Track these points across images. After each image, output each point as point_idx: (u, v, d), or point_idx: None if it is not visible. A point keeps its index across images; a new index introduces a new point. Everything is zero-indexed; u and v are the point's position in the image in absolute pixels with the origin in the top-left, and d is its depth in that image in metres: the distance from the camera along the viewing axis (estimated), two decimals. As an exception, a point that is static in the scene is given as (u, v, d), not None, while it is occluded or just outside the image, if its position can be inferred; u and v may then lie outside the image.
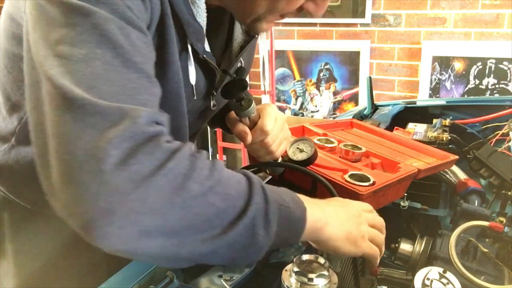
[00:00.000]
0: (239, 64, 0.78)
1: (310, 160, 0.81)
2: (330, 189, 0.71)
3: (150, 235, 0.43)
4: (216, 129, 3.00)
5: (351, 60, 2.79)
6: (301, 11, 0.65)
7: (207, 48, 0.68)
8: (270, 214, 0.50)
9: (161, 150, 0.44)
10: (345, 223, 0.60)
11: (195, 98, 0.70)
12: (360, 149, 0.92)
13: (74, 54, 0.44)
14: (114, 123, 0.42)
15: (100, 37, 0.45)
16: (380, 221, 0.67)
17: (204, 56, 0.67)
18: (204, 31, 0.65)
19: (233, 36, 0.77)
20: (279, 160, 0.82)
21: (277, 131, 0.78)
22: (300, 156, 0.82)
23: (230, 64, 0.76)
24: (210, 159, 0.51)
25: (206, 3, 0.65)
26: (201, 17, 0.63)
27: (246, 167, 0.81)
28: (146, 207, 0.42)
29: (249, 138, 0.74)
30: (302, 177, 0.86)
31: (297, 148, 0.84)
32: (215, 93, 0.77)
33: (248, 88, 0.74)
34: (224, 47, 0.78)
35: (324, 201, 0.63)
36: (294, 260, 0.56)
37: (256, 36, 0.78)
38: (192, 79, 0.67)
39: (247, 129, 0.75)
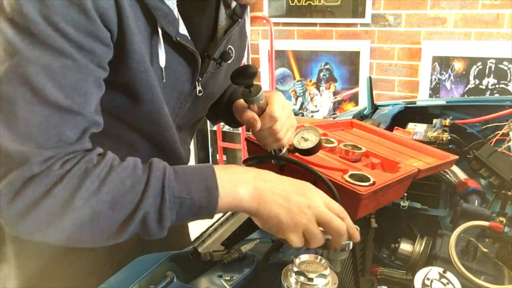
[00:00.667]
0: (223, 49, 0.78)
1: (315, 149, 0.80)
2: (329, 186, 0.71)
3: (53, 239, 0.55)
4: (216, 129, 3.00)
5: (351, 60, 2.79)
6: None
7: (183, 31, 0.67)
8: (163, 210, 0.56)
9: (50, 177, 0.52)
10: (277, 210, 0.62)
11: (164, 81, 0.68)
12: (360, 149, 0.92)
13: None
14: (11, 168, 0.51)
15: (22, 77, 0.51)
16: (335, 226, 0.63)
17: (178, 38, 0.66)
18: (176, 14, 0.64)
19: (218, 21, 0.77)
20: (285, 149, 0.82)
21: (285, 118, 0.78)
22: (305, 145, 0.81)
23: (215, 50, 0.76)
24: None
25: None
26: (172, 0, 0.63)
27: (248, 159, 0.82)
28: (39, 227, 0.53)
29: (259, 124, 0.74)
30: (302, 177, 0.85)
31: (302, 137, 0.83)
32: (200, 79, 0.77)
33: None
34: (210, 33, 0.78)
35: (270, 187, 0.63)
36: (294, 260, 0.56)
37: (239, 20, 0.77)
38: (162, 62, 0.66)
39: (256, 116, 0.74)
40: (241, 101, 0.77)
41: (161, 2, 0.61)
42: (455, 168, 1.08)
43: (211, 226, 0.88)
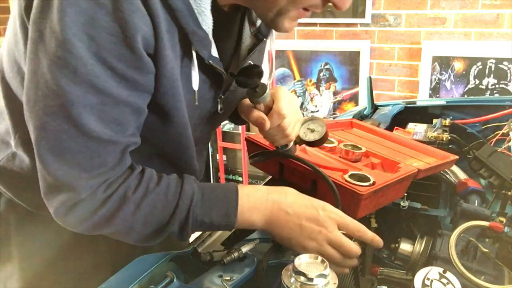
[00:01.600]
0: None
1: (322, 140, 0.80)
2: (331, 186, 0.71)
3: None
4: (216, 129, 3.00)
5: (351, 60, 2.79)
6: (326, 4, 0.64)
7: (214, 53, 0.68)
8: (186, 230, 0.66)
9: (95, 201, 0.61)
10: (288, 234, 0.69)
11: (196, 103, 0.70)
12: (360, 149, 0.92)
13: (47, 123, 0.57)
14: (61, 191, 0.61)
15: (65, 115, 0.56)
16: (346, 246, 0.68)
17: (210, 61, 0.67)
18: (211, 37, 0.64)
19: (242, 39, 0.77)
20: (291, 143, 0.81)
21: (292, 113, 0.78)
22: (312, 137, 0.81)
23: (238, 67, 0.75)
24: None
25: (216, 4, 0.64)
26: (207, 24, 0.63)
27: (253, 155, 0.83)
28: (86, 232, 0.65)
29: (268, 124, 0.74)
30: (302, 177, 0.86)
31: (308, 128, 0.82)
32: (222, 97, 0.77)
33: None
34: (233, 50, 0.77)
35: (284, 214, 0.69)
36: (294, 260, 0.56)
37: (265, 39, 0.77)
38: (195, 85, 0.66)
39: (263, 115, 0.74)
40: (247, 100, 0.76)
41: (198, 27, 0.61)
42: (455, 168, 1.08)
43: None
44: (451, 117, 1.37)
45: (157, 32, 0.57)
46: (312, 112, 3.03)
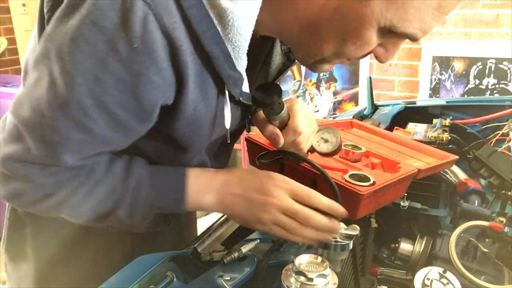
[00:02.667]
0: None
1: (335, 151, 0.78)
2: (332, 185, 0.71)
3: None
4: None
5: (351, 60, 2.79)
6: (368, 54, 0.63)
7: (246, 88, 0.65)
8: (134, 214, 0.66)
9: (43, 191, 0.61)
10: (240, 210, 0.67)
11: (229, 142, 0.70)
12: (360, 149, 0.92)
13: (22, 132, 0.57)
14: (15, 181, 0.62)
15: (41, 135, 0.56)
16: (301, 213, 0.65)
17: (241, 99, 0.65)
18: (244, 76, 0.62)
19: (272, 58, 0.74)
20: None
21: (307, 128, 0.77)
22: (325, 147, 0.79)
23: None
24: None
25: (258, 32, 0.62)
26: (242, 65, 0.61)
27: (260, 156, 0.81)
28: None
29: (282, 141, 0.72)
30: (302, 177, 0.85)
31: (322, 138, 0.81)
32: (250, 117, 0.76)
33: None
34: (260, 65, 0.74)
35: (233, 190, 0.68)
36: (294, 260, 0.56)
37: (295, 60, 0.74)
38: (227, 124, 0.65)
39: (278, 132, 0.72)
40: (261, 113, 0.74)
41: (234, 69, 0.59)
42: (455, 168, 1.08)
43: (211, 226, 0.88)
44: (451, 117, 1.37)
45: (183, 83, 0.56)
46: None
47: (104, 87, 0.52)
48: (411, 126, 1.29)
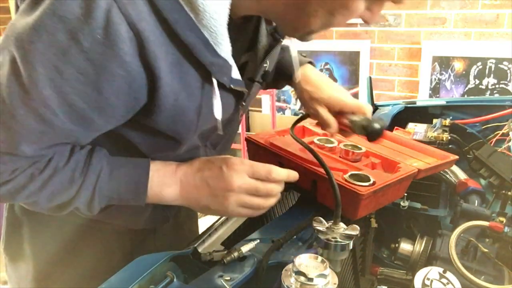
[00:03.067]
0: (264, 69, 0.75)
1: (382, 132, 0.80)
2: (333, 185, 0.71)
3: None
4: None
5: (351, 60, 2.79)
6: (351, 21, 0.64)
7: (236, 75, 0.65)
8: (93, 205, 0.66)
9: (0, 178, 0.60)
10: (204, 201, 0.69)
11: (221, 133, 0.68)
12: (360, 149, 0.92)
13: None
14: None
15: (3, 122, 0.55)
16: (262, 188, 0.68)
17: (232, 86, 0.64)
18: (231, 62, 0.62)
19: (258, 37, 0.73)
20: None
21: (340, 93, 0.84)
22: (377, 125, 0.79)
23: (256, 69, 0.73)
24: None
25: (238, 13, 0.61)
26: (226, 51, 0.59)
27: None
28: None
29: (336, 125, 0.81)
30: (302, 177, 0.86)
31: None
32: (244, 103, 0.75)
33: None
34: (247, 47, 0.73)
35: (192, 182, 0.69)
36: (294, 260, 0.56)
37: (281, 40, 0.74)
38: (218, 115, 0.63)
39: (333, 118, 0.82)
40: (309, 96, 0.83)
41: (216, 56, 0.58)
42: (455, 168, 1.08)
43: (211, 226, 0.88)
44: (451, 117, 1.37)
45: (155, 75, 0.55)
46: (312, 112, 3.03)
47: (65, 78, 0.51)
48: (411, 126, 1.29)
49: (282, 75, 0.91)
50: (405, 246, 0.89)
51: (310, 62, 0.93)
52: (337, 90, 0.85)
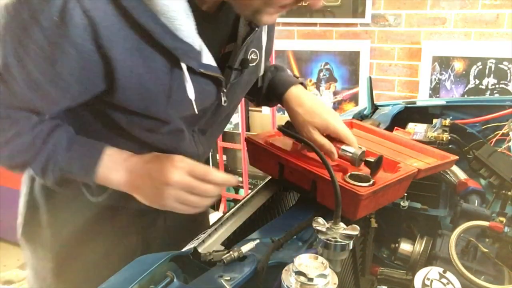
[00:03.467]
0: (243, 57, 0.78)
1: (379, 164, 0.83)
2: (335, 185, 0.71)
3: None
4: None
5: (351, 60, 2.79)
6: (300, 1, 0.65)
7: (208, 60, 0.68)
8: (47, 173, 0.72)
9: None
10: (146, 191, 0.74)
11: (196, 112, 0.72)
12: (360, 149, 0.92)
13: None
14: None
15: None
16: (197, 188, 0.73)
17: (201, 70, 0.68)
18: (198, 47, 0.65)
19: (238, 30, 0.77)
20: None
21: (333, 119, 0.87)
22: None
23: (236, 57, 0.76)
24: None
25: (197, 6, 0.65)
26: (190, 37, 0.63)
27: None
28: None
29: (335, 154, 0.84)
30: (302, 177, 0.86)
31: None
32: (225, 90, 0.78)
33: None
34: (227, 39, 0.77)
35: (138, 173, 0.74)
36: (294, 260, 0.56)
37: (256, 28, 0.76)
38: (191, 95, 0.68)
39: (333, 147, 0.85)
40: (309, 128, 0.85)
41: (178, 41, 0.62)
42: (455, 168, 1.08)
43: (211, 226, 0.88)
44: (451, 117, 1.37)
45: (112, 58, 0.61)
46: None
47: (26, 50, 0.60)
48: (411, 126, 1.29)
49: (273, 95, 0.93)
50: (405, 246, 0.89)
51: (302, 84, 0.94)
52: (330, 115, 0.86)
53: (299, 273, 0.54)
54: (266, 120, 3.04)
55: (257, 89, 0.94)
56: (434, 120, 1.32)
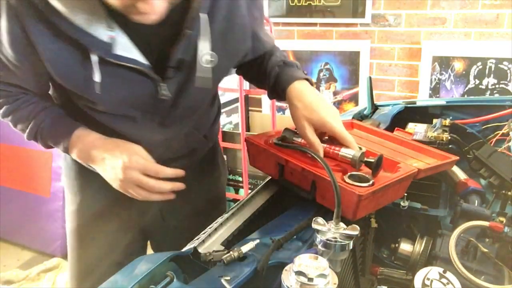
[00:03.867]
0: (179, 57, 0.82)
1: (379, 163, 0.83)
2: (335, 185, 0.71)
3: None
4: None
5: (351, 60, 2.79)
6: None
7: (122, 52, 0.77)
8: (39, 141, 0.94)
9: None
10: (103, 173, 0.89)
11: (98, 92, 0.80)
12: (360, 149, 0.92)
13: None
14: None
15: None
16: (145, 184, 0.86)
17: (111, 59, 0.76)
18: (105, 39, 0.74)
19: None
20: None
21: (329, 116, 0.87)
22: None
23: (169, 59, 0.82)
24: None
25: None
26: (98, 31, 0.73)
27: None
28: None
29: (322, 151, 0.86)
30: (301, 177, 0.86)
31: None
32: (162, 85, 0.83)
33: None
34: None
35: (93, 157, 0.89)
36: (294, 260, 0.56)
37: (187, 31, 0.79)
38: (97, 78, 0.78)
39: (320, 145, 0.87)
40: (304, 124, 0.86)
41: (84, 34, 0.73)
42: (455, 168, 1.08)
43: (211, 226, 0.88)
44: (451, 117, 1.37)
45: (32, 41, 0.75)
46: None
47: None
48: (411, 126, 1.29)
49: (278, 89, 0.95)
50: (405, 246, 0.89)
51: (308, 80, 0.94)
52: (329, 113, 0.86)
53: (299, 273, 0.54)
54: (266, 120, 3.04)
55: (267, 84, 0.98)
56: (434, 120, 1.32)
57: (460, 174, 1.08)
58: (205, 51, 0.81)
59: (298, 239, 0.76)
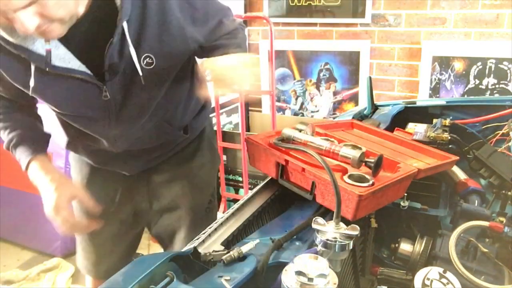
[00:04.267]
0: (110, 62, 0.89)
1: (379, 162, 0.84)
2: (335, 185, 0.71)
3: None
4: (215, 129, 3.00)
5: (351, 60, 2.79)
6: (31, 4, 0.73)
7: (60, 63, 0.86)
8: (16, 159, 1.06)
9: None
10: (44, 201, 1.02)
11: (30, 94, 0.91)
12: (360, 149, 0.92)
13: None
14: None
15: None
16: (60, 209, 0.99)
17: (48, 69, 0.85)
18: (42, 53, 0.83)
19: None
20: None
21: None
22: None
23: (103, 64, 0.89)
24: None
25: None
26: (36, 46, 0.83)
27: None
28: None
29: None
30: (302, 178, 0.86)
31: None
32: (104, 87, 0.91)
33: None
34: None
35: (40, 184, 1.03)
36: (294, 260, 0.56)
37: (113, 38, 0.86)
38: (31, 83, 0.88)
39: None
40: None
41: (20, 49, 0.83)
42: (455, 168, 1.08)
43: (211, 226, 0.88)
44: (451, 117, 1.37)
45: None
46: (312, 112, 3.03)
47: None
48: (411, 126, 1.29)
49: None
50: (405, 246, 0.89)
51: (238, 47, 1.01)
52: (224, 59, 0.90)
53: (299, 273, 0.54)
54: (266, 120, 3.04)
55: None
56: (434, 120, 1.32)
57: (460, 174, 1.08)
58: (142, 54, 0.90)
59: (298, 239, 0.76)
